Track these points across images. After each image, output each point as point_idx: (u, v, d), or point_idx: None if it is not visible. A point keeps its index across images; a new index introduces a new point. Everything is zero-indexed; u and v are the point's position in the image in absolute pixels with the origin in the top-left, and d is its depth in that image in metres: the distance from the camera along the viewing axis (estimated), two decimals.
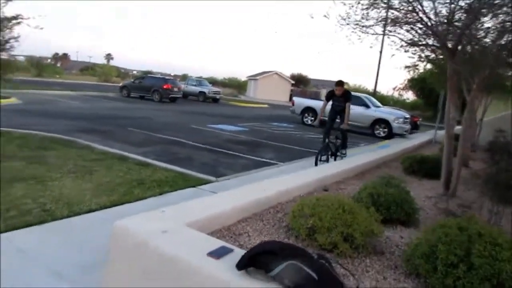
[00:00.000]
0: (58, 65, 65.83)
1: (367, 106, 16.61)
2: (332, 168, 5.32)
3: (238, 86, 50.55)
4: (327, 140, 7.34)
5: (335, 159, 7.37)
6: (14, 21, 5.38)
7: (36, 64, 43.46)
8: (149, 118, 14.29)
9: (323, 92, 19.84)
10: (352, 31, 5.25)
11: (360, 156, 7.06)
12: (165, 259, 2.04)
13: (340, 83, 7.44)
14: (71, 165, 5.76)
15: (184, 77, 42.52)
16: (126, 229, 2.29)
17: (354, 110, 17.39)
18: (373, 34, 5.32)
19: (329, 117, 7.83)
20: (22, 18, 5.40)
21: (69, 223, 3.69)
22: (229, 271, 1.86)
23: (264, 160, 8.24)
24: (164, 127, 11.69)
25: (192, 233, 2.28)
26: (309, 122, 17.98)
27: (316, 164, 6.68)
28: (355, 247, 2.49)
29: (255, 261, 1.80)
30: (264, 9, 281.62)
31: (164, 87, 23.26)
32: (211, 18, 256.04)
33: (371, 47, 8.83)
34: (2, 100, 14.72)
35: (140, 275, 2.17)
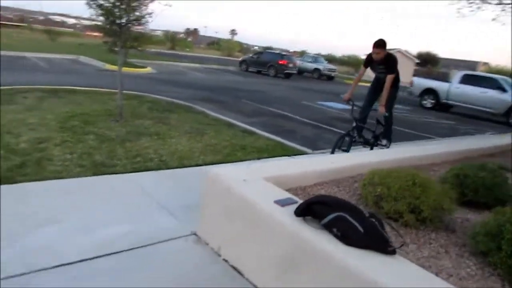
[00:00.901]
0: (189, 39, 72.03)
1: (504, 90, 14.60)
2: (431, 149, 5.11)
3: (356, 64, 48.73)
4: (354, 124, 5.51)
5: (371, 149, 5.77)
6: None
7: (171, 38, 48.38)
8: (263, 91, 15.03)
9: (454, 74, 17.84)
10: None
11: (469, 141, 6.51)
12: (242, 200, 2.46)
13: (379, 44, 5.22)
14: (187, 127, 6.63)
15: (302, 54, 42.70)
16: (217, 175, 2.78)
17: (486, 93, 15.61)
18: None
19: (368, 92, 5.92)
20: None
21: (179, 172, 4.40)
22: (289, 216, 2.18)
23: (367, 139, 8.15)
24: (275, 101, 12.25)
25: (267, 184, 2.64)
26: (429, 105, 16.72)
27: (332, 152, 5.23)
28: (421, 220, 2.54)
29: (310, 209, 2.07)
30: None
31: (280, 62, 23.86)
32: None
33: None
34: (139, 69, 17.12)
35: (224, 212, 2.64)
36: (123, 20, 6.31)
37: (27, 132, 5.10)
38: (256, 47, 77.76)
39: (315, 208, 2.05)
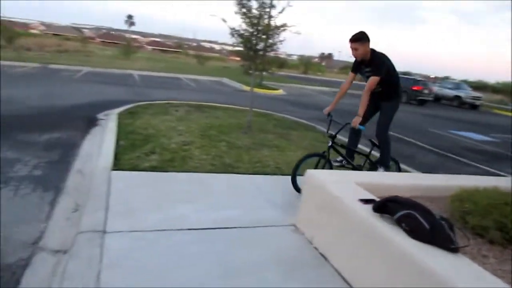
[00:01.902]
0: (323, 63, 73.62)
1: None
2: None
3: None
4: (329, 143, 4.39)
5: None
6: (281, 29, 7.20)
7: (305, 63, 50.39)
8: None
9: None
10: None
11: None
12: (331, 197, 2.92)
13: (356, 38, 4.15)
14: (306, 143, 7.24)
15: (445, 79, 39.60)
16: (314, 175, 3.29)
17: None
18: None
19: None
20: (287, 26, 7.17)
21: (285, 179, 5.00)
22: (368, 212, 2.55)
23: (498, 172, 7.52)
24: (398, 126, 12.00)
25: (356, 187, 3.03)
26: None
27: (293, 177, 4.28)
28: (509, 239, 2.59)
29: (386, 206, 2.41)
30: None
31: (413, 88, 22.83)
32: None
33: None
34: (272, 91, 18.59)
35: (317, 207, 3.13)
36: (258, 47, 7.34)
37: (177, 137, 6.38)
38: None
39: (390, 205, 2.38)
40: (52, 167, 4.77)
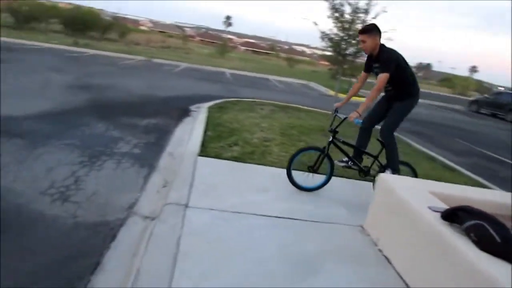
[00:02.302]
0: (420, 74, 69.39)
1: None
2: None
3: None
4: (330, 139, 4.20)
5: (372, 179, 4.38)
6: None
7: None
8: (484, 134, 13.68)
9: None
10: None
11: None
12: (400, 201, 2.94)
13: (364, 29, 4.03)
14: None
15: None
16: (385, 179, 3.32)
17: None
18: None
19: (374, 106, 4.49)
20: None
21: (362, 183, 4.99)
22: (437, 219, 2.54)
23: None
24: (495, 145, 11.06)
25: (428, 195, 2.99)
26: None
27: (288, 171, 4.16)
28: None
29: (455, 215, 2.38)
30: None
31: None
32: None
33: None
34: (360, 98, 18.18)
35: (385, 210, 3.16)
36: (347, 52, 7.38)
37: (259, 132, 6.72)
38: (502, 88, 67.78)
39: (460, 214, 2.35)
40: (148, 147, 5.41)
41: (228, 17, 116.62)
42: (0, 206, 3.15)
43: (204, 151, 5.04)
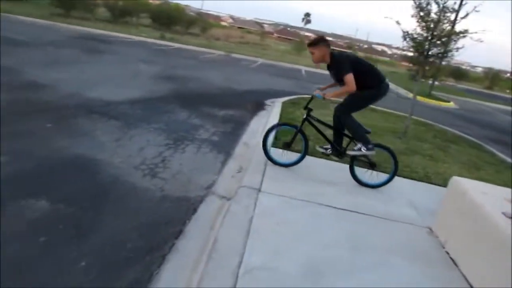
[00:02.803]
0: None
1: None
2: None
3: None
4: (304, 116, 4.49)
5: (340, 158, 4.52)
6: (460, 35, 6.77)
7: (491, 77, 44.21)
8: None
9: None
10: None
11: None
12: (472, 205, 2.91)
13: (311, 42, 4.29)
14: (464, 159, 6.75)
15: None
16: (459, 182, 3.28)
17: None
18: None
19: None
20: (467, 33, 6.69)
21: (437, 188, 4.86)
22: (510, 225, 2.49)
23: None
24: None
25: (502, 201, 2.91)
26: None
27: (264, 146, 4.44)
28: None
29: None
30: None
31: None
32: None
33: None
34: (442, 103, 17.17)
35: (455, 213, 3.14)
36: (430, 52, 7.11)
37: (329, 130, 6.79)
38: None
39: None
40: (225, 136, 5.80)
41: (307, 14, 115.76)
42: (99, 177, 3.70)
43: (277, 143, 5.27)
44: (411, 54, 7.81)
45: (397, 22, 7.23)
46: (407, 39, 7.23)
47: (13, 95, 5.93)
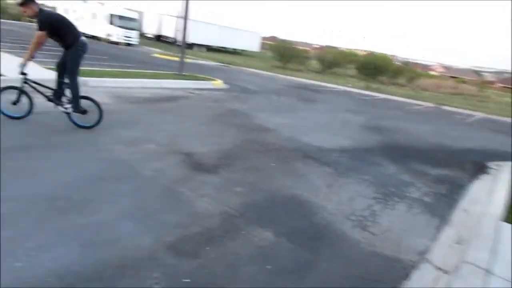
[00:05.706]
0: None
1: None
2: None
3: None
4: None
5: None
6: None
7: None
8: None
9: None
10: None
11: None
12: None
13: (20, 3, 5.06)
14: None
15: None
16: None
17: None
18: None
19: None
20: None
21: None
22: None
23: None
24: None
25: None
26: None
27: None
28: None
29: None
30: None
31: None
32: None
33: None
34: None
35: None
36: None
37: None
38: None
39: None
40: (439, 198, 5.32)
41: None
42: (309, 220, 3.95)
43: (510, 218, 4.50)
44: None
45: None
46: None
47: (248, 136, 7.06)
